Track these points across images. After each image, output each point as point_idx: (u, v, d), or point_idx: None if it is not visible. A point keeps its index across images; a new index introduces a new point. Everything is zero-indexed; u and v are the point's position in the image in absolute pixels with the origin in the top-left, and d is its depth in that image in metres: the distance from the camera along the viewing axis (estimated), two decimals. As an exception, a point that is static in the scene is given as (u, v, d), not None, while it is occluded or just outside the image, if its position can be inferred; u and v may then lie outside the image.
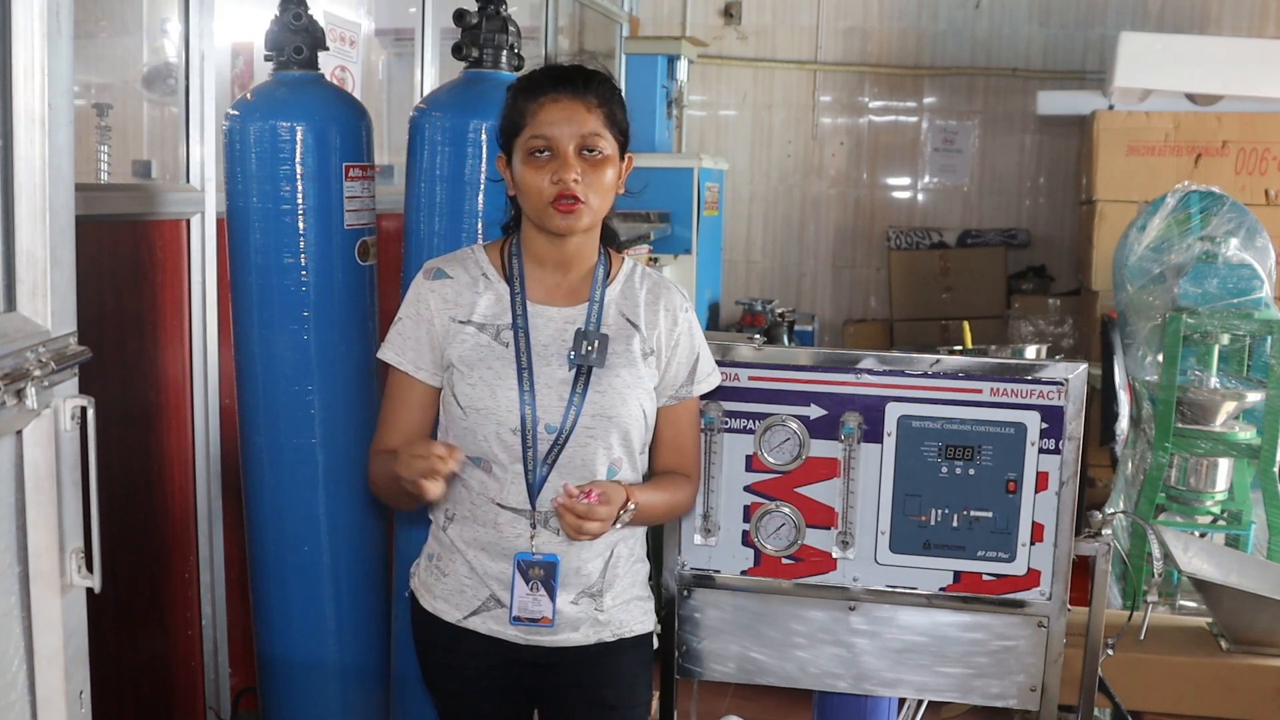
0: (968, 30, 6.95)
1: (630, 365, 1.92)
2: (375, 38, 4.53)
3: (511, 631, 1.95)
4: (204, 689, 3.12)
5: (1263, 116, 5.73)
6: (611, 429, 1.90)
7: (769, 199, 7.26)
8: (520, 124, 1.87)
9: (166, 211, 2.89)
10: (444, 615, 1.98)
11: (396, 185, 3.27)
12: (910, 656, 2.26)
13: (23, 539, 1.48)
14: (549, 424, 1.88)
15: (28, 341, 1.42)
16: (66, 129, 1.49)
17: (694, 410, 2.06)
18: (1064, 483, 2.17)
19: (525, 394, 1.88)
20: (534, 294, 1.94)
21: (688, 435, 2.05)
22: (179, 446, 2.98)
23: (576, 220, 1.86)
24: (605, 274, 1.97)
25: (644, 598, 2.05)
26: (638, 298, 1.98)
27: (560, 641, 1.96)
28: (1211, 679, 2.49)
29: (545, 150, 1.85)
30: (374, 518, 2.78)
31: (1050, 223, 7.02)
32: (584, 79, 1.88)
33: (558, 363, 1.90)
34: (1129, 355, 3.90)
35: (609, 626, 1.98)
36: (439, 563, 2.00)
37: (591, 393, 1.89)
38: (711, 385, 2.05)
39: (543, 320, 1.93)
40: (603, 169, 1.86)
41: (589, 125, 1.85)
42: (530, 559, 1.90)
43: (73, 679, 1.54)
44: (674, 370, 1.99)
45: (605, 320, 1.94)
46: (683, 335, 1.99)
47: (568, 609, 1.94)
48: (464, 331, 1.92)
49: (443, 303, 1.94)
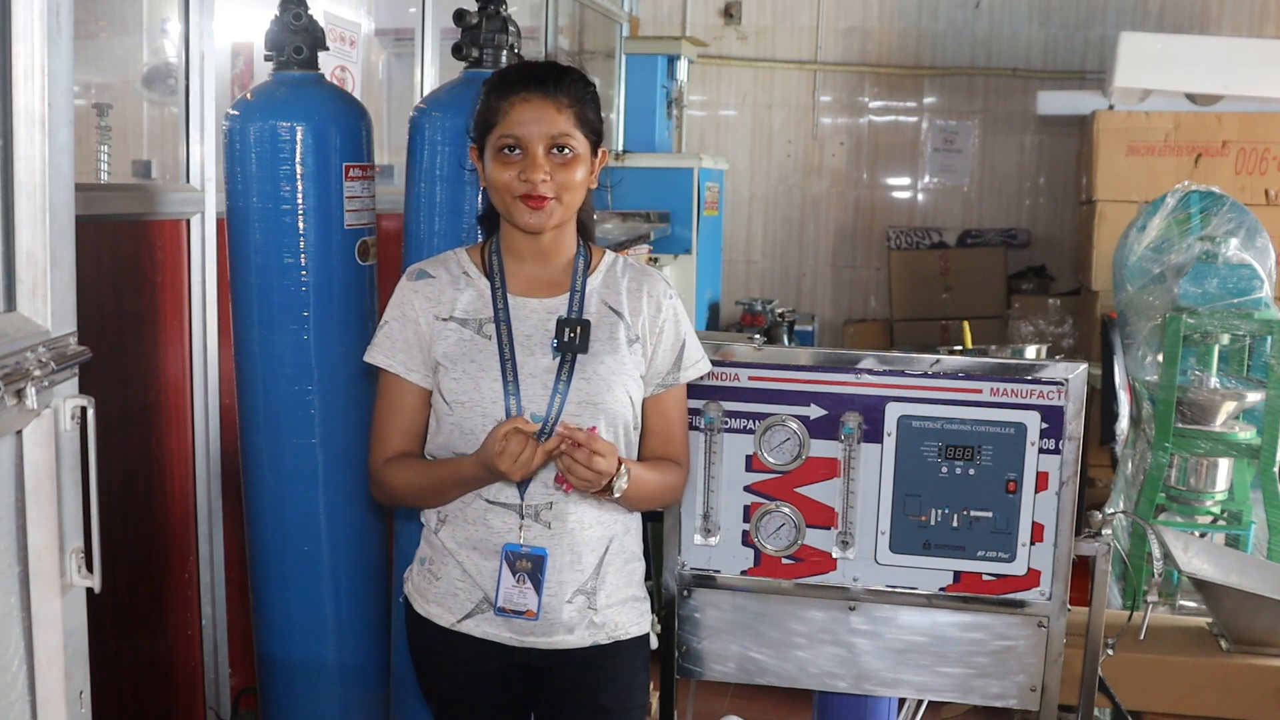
0: (968, 30, 6.95)
1: (614, 352, 1.92)
2: (375, 38, 4.53)
3: (505, 634, 1.94)
4: (204, 689, 3.12)
5: (1263, 116, 5.73)
6: (598, 415, 1.89)
7: (769, 199, 7.26)
8: (492, 121, 1.88)
9: (166, 211, 2.89)
10: (438, 619, 1.97)
11: (396, 185, 3.27)
12: (910, 656, 2.26)
13: (23, 539, 1.48)
14: (534, 413, 1.87)
15: (28, 341, 1.42)
16: (66, 129, 1.49)
17: (681, 399, 2.04)
18: (1064, 483, 2.17)
19: (509, 385, 1.88)
20: (514, 287, 1.95)
21: (676, 424, 2.03)
22: (179, 446, 2.98)
23: (546, 218, 1.87)
24: (585, 265, 1.98)
25: (640, 598, 2.04)
26: (620, 286, 1.98)
27: (555, 644, 1.95)
28: (1211, 679, 2.49)
29: (515, 148, 1.86)
30: (374, 518, 2.78)
31: (1050, 223, 7.02)
32: (555, 78, 1.88)
33: (541, 352, 1.90)
34: (1129, 355, 3.90)
35: (604, 629, 1.97)
36: (431, 566, 1.99)
37: (576, 379, 1.89)
38: (699, 373, 2.04)
39: (525, 312, 1.93)
40: (572, 168, 1.87)
41: (559, 125, 1.86)
42: (518, 550, 1.90)
43: (73, 679, 1.54)
44: (660, 357, 1.99)
45: (588, 309, 1.94)
46: (667, 322, 1.99)
47: (563, 609, 1.93)
48: (447, 328, 1.93)
49: (426, 302, 1.95)
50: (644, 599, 2.06)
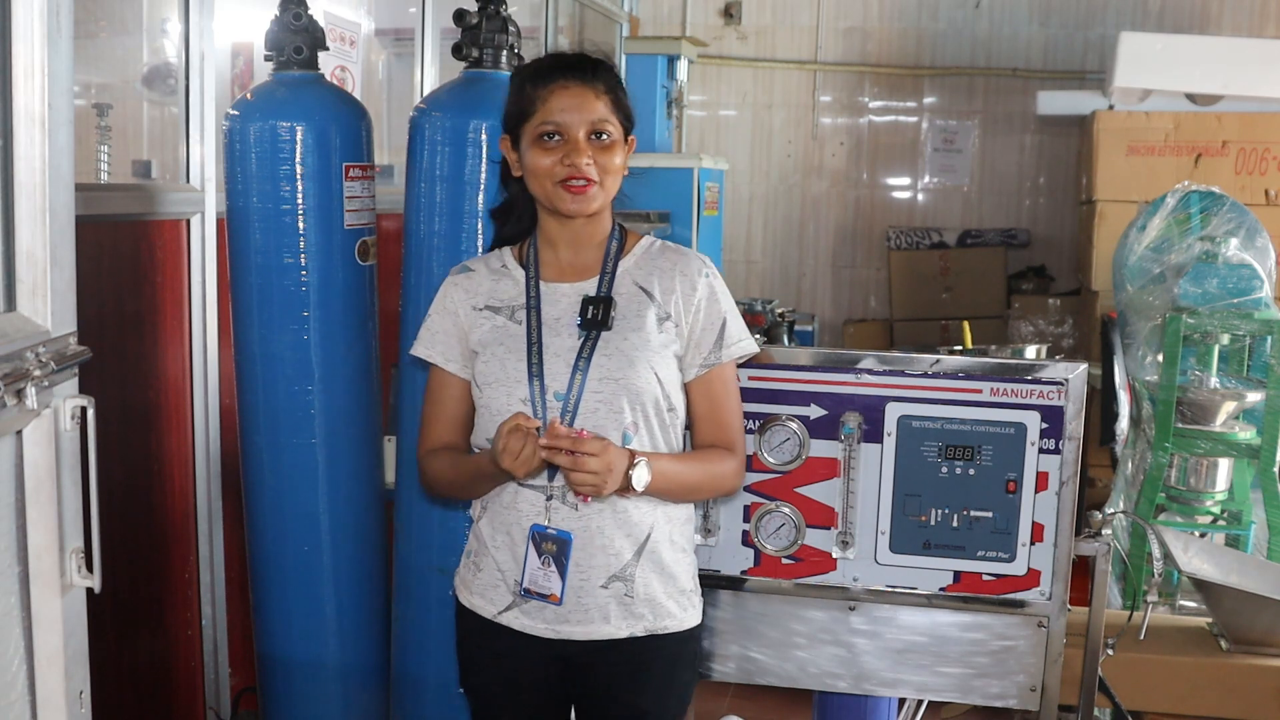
0: (968, 30, 6.95)
1: (639, 330, 1.92)
2: (375, 38, 4.53)
3: (541, 625, 1.94)
4: (204, 689, 3.12)
5: (1263, 116, 5.73)
6: (620, 393, 1.88)
7: (769, 199, 7.26)
8: (529, 110, 1.90)
9: (166, 211, 2.89)
10: (480, 610, 1.99)
11: (396, 185, 3.27)
12: (910, 656, 2.26)
13: (23, 539, 1.48)
14: (557, 391, 1.89)
15: (28, 341, 1.42)
16: (66, 129, 1.49)
17: (728, 381, 2.00)
18: (1064, 483, 2.17)
19: (534, 365, 1.90)
20: (547, 274, 1.98)
21: (724, 406, 1.99)
22: (179, 446, 2.98)
23: (588, 202, 1.90)
24: (619, 248, 1.99)
25: (685, 590, 2.01)
26: (654, 266, 1.98)
27: (592, 634, 1.93)
28: (1211, 679, 2.49)
29: (556, 135, 1.88)
30: (374, 518, 2.78)
31: (1050, 223, 7.02)
32: (591, 66, 1.92)
33: (567, 333, 1.92)
34: (1129, 355, 3.90)
35: (643, 620, 1.95)
36: (475, 558, 2.01)
37: (598, 356, 1.89)
38: (744, 351, 2.00)
39: (555, 296, 1.96)
40: (611, 152, 1.91)
41: (598, 111, 1.89)
42: (544, 530, 1.90)
43: (73, 679, 1.54)
44: (698, 335, 1.96)
45: (618, 289, 1.95)
46: (704, 300, 1.97)
47: (597, 594, 1.91)
48: (482, 317, 1.97)
49: (465, 294, 1.99)
50: (691, 591, 2.03)
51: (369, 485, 2.77)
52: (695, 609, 2.04)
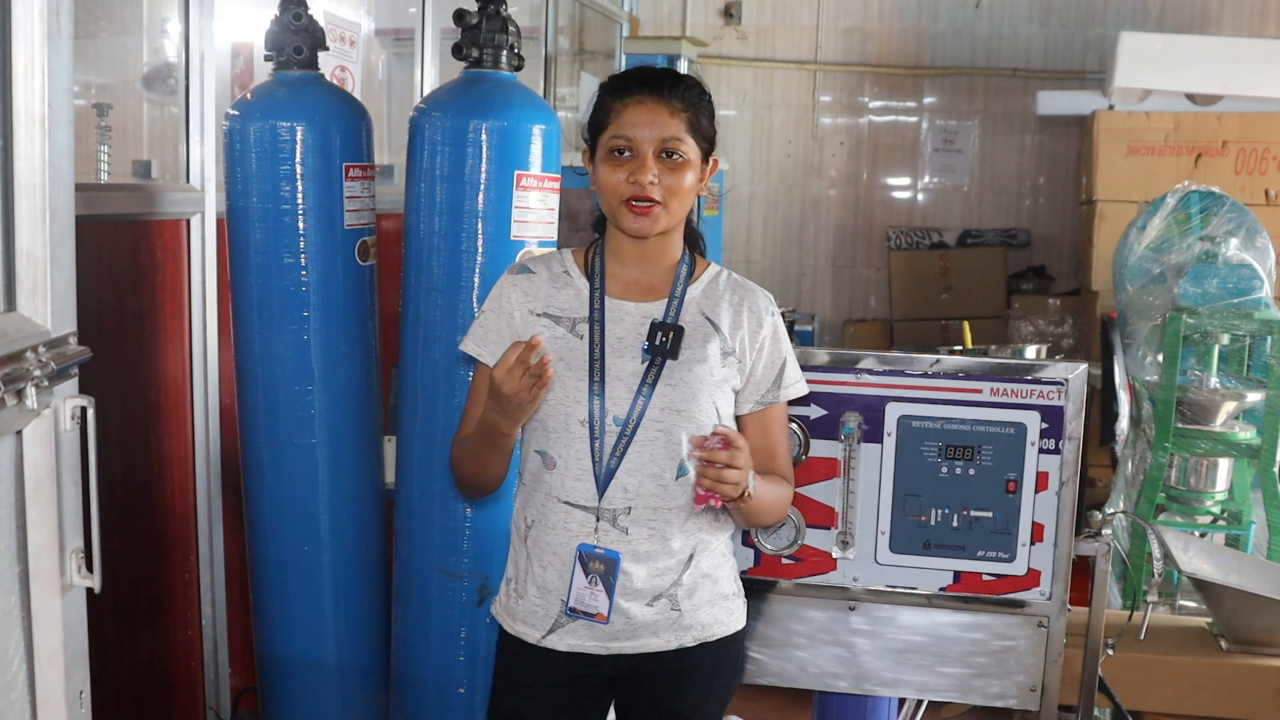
0: (968, 30, 6.95)
1: (704, 361, 1.89)
2: (375, 38, 4.53)
3: (590, 643, 1.91)
4: (204, 689, 3.12)
5: (1263, 116, 5.73)
6: (680, 424, 1.86)
7: (769, 199, 7.26)
8: (604, 122, 1.87)
9: (166, 211, 2.89)
10: (525, 637, 1.95)
11: (396, 185, 3.27)
12: (910, 656, 2.26)
13: (23, 539, 1.48)
14: (616, 416, 1.86)
15: (28, 341, 1.42)
16: (66, 129, 1.49)
17: (782, 418, 2.01)
18: (1064, 483, 2.17)
19: (595, 385, 1.86)
20: (613, 290, 1.93)
21: (778, 441, 2.00)
22: (179, 446, 2.98)
23: (652, 223, 1.85)
24: (689, 273, 1.96)
25: (729, 595, 2.00)
26: (721, 299, 1.96)
27: (642, 647, 1.92)
28: (1211, 679, 2.49)
29: (625, 150, 1.84)
30: (374, 518, 2.78)
31: (1050, 223, 7.02)
32: (671, 83, 1.87)
33: (631, 356, 1.88)
34: (1129, 355, 3.90)
35: (691, 630, 1.93)
36: (515, 585, 1.98)
37: (662, 385, 1.86)
38: (798, 393, 2.00)
39: (620, 314, 1.91)
40: (681, 173, 1.85)
41: (670, 129, 1.84)
42: (592, 551, 1.87)
43: (73, 679, 1.54)
44: (759, 374, 1.96)
45: (685, 317, 1.92)
46: (767, 339, 1.96)
47: (644, 612, 1.90)
48: (539, 324, 1.91)
49: (523, 296, 1.94)
50: (735, 595, 2.02)
51: (369, 485, 2.77)
52: (739, 612, 2.02)
